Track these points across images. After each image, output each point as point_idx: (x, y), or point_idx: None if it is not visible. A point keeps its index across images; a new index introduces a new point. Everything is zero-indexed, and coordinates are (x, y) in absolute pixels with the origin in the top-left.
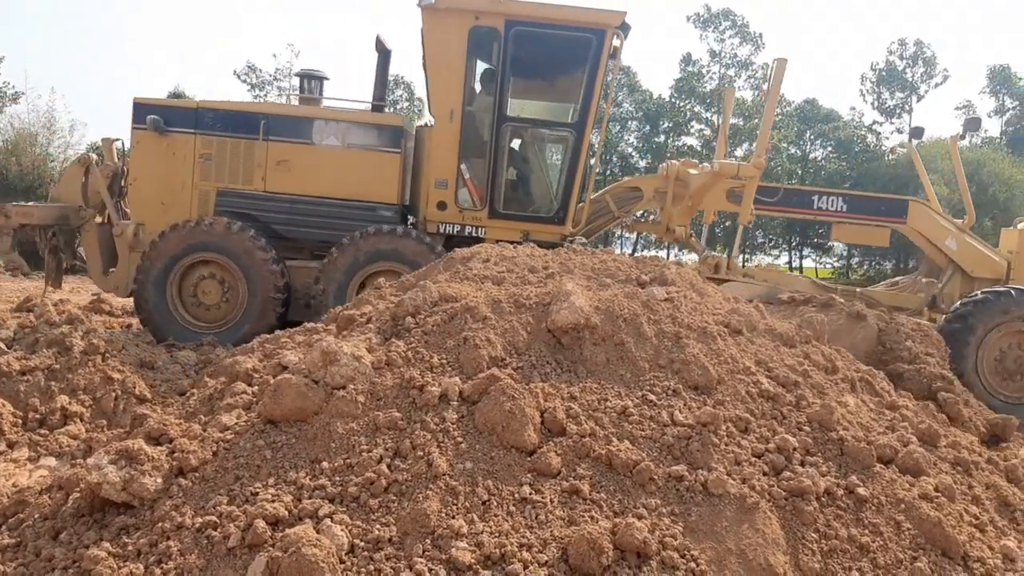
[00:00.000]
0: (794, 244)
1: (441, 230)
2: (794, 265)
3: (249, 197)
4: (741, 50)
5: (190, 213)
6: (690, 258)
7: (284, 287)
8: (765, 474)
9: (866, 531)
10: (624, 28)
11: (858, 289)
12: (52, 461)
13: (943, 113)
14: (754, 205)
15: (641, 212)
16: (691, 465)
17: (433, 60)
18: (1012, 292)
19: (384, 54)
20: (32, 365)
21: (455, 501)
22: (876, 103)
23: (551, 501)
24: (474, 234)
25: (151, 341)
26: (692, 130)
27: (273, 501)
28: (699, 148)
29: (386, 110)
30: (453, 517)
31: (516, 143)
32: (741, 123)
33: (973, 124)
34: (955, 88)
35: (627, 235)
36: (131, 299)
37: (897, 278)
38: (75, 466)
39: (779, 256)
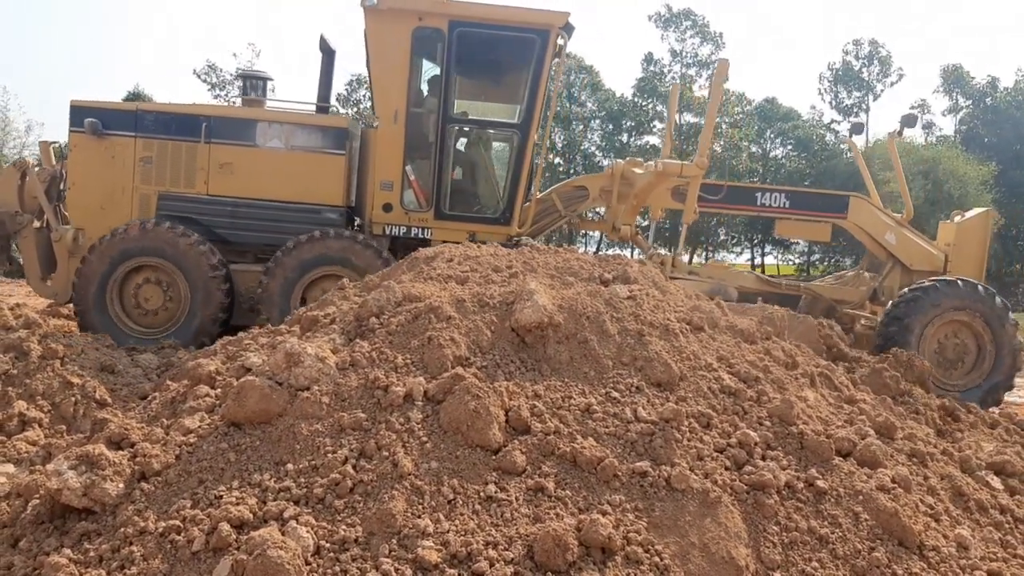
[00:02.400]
0: (756, 241)
1: (387, 232)
2: (756, 263)
3: (191, 201)
4: (702, 50)
5: (130, 217)
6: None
7: (228, 291)
8: (727, 469)
9: (825, 523)
10: (568, 28)
11: (802, 284)
12: (10, 468)
13: (899, 111)
14: (698, 203)
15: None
16: (654, 461)
17: (377, 61)
18: (938, 285)
19: (328, 54)
20: None
21: (421, 501)
22: (834, 102)
23: (516, 499)
24: (420, 235)
25: (111, 345)
26: (654, 129)
27: (237, 504)
28: (661, 147)
29: (344, 111)
30: (419, 516)
31: (462, 144)
32: (701, 122)
33: (910, 120)
34: (910, 87)
35: (591, 234)
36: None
37: (843, 272)
38: (34, 472)
39: (741, 253)
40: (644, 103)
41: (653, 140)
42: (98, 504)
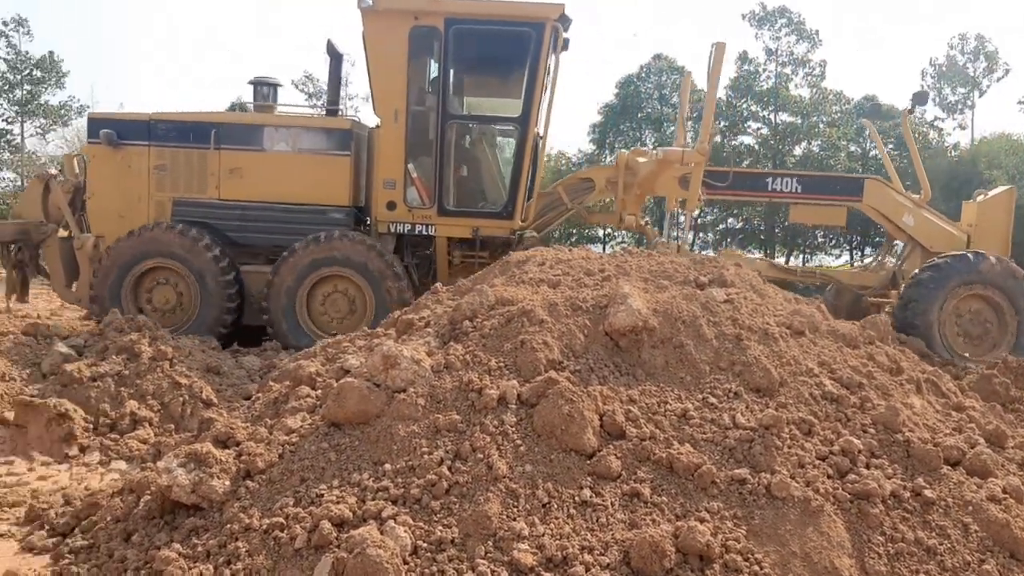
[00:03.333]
0: (855, 243)
1: (392, 230)
2: (855, 264)
3: (204, 206)
4: (798, 48)
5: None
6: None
7: (236, 293)
8: (829, 477)
9: (933, 534)
10: (564, 20)
11: (818, 271)
12: (123, 465)
13: (1006, 108)
14: (706, 190)
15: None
16: (754, 468)
17: (376, 62)
18: (949, 261)
19: (336, 58)
20: (102, 371)
21: (516, 503)
22: (937, 98)
23: (612, 504)
24: (424, 232)
25: (216, 347)
26: (749, 129)
27: (338, 502)
28: (757, 147)
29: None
30: (514, 519)
31: (463, 140)
32: (799, 121)
33: (921, 98)
34: (1018, 82)
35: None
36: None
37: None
38: (145, 469)
39: (840, 255)
40: (738, 103)
41: (748, 140)
42: (205, 501)
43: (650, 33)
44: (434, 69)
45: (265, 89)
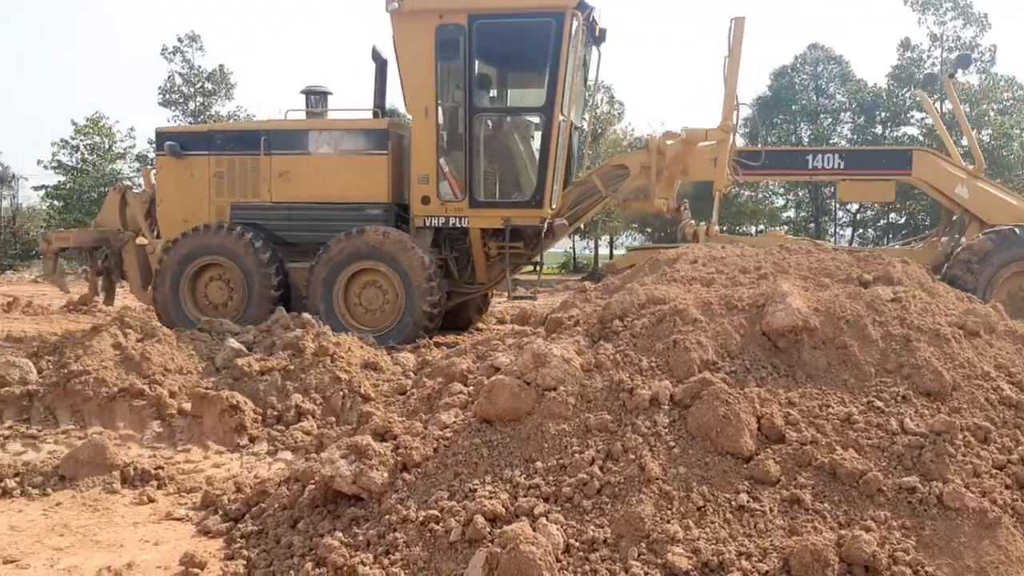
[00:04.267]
0: None
1: (428, 224)
2: None
3: (257, 208)
4: (964, 32)
5: None
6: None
7: (279, 285)
8: (1008, 487)
9: None
10: (582, 7)
11: (867, 250)
12: (288, 455)
13: None
14: (741, 171)
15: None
16: (924, 476)
17: (405, 61)
18: (1017, 231)
19: (381, 63)
20: (270, 366)
21: (669, 506)
22: None
23: (770, 510)
24: (458, 225)
25: (374, 344)
26: (912, 120)
27: (491, 498)
28: (921, 138)
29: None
30: (668, 522)
31: (493, 132)
32: (967, 110)
33: (964, 60)
34: None
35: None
36: None
37: (909, 240)
38: (309, 460)
39: None
40: (900, 92)
41: (911, 131)
42: (365, 491)
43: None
44: (462, 64)
45: (314, 97)
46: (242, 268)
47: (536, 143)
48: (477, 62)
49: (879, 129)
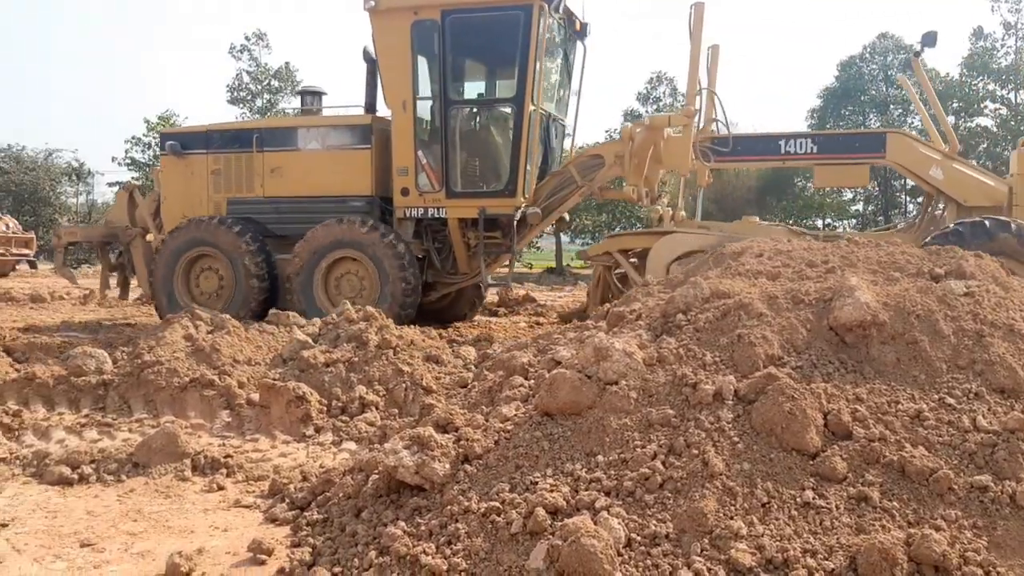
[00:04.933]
0: None
1: (408, 215)
2: None
3: (251, 203)
4: None
5: None
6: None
7: (266, 276)
8: None
9: None
10: (550, 1)
11: (844, 235)
12: (352, 445)
13: None
14: (714, 157)
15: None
16: (997, 475)
17: (383, 57)
18: (960, 229)
19: (371, 63)
20: (335, 358)
21: (733, 502)
22: None
23: (837, 507)
24: (436, 215)
25: (435, 337)
26: (986, 110)
27: (552, 491)
28: (994, 129)
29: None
30: (731, 518)
31: (468, 124)
32: None
33: (929, 39)
34: None
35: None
36: None
37: (892, 225)
38: (373, 450)
39: None
40: (973, 81)
41: (985, 122)
42: (427, 482)
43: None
44: (437, 58)
45: (310, 97)
46: (230, 259)
47: (505, 134)
48: (451, 56)
49: (952, 120)
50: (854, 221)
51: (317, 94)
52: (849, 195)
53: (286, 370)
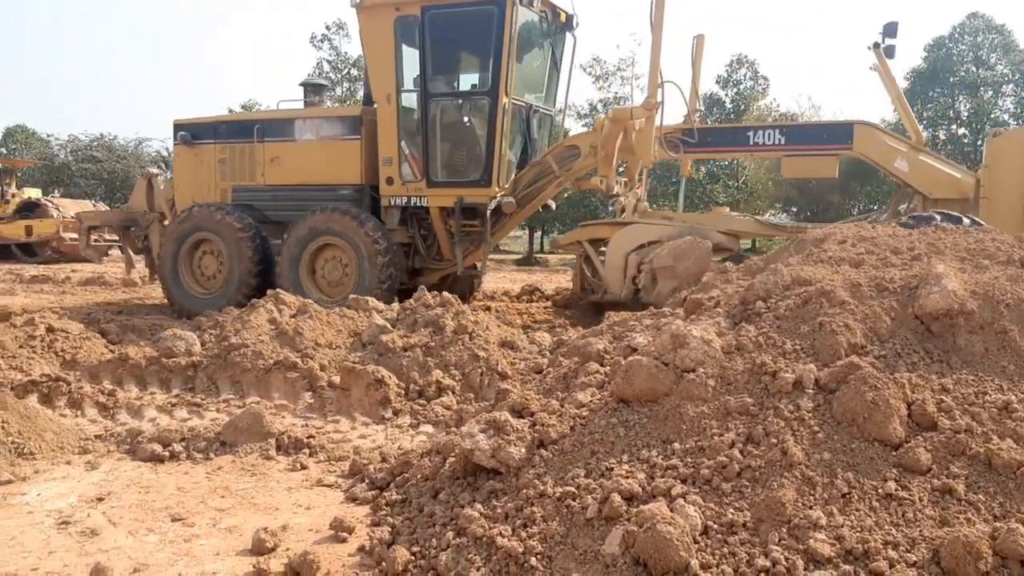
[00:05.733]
0: None
1: (393, 203)
2: None
3: (252, 190)
4: None
5: None
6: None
7: (260, 260)
8: None
9: None
10: None
11: (809, 226)
12: (429, 428)
13: None
14: (684, 149)
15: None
16: None
17: (369, 51)
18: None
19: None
20: (412, 342)
21: (812, 492)
22: None
23: (920, 499)
24: (418, 204)
25: (509, 322)
26: None
27: (627, 477)
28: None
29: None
30: (810, 508)
31: (447, 116)
32: None
33: (890, 29)
34: None
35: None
36: None
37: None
38: (450, 434)
39: None
40: None
41: None
42: (503, 466)
43: None
44: (417, 52)
45: (311, 89)
46: (227, 243)
47: (480, 124)
48: (431, 50)
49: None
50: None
51: (318, 86)
52: None
53: (365, 354)
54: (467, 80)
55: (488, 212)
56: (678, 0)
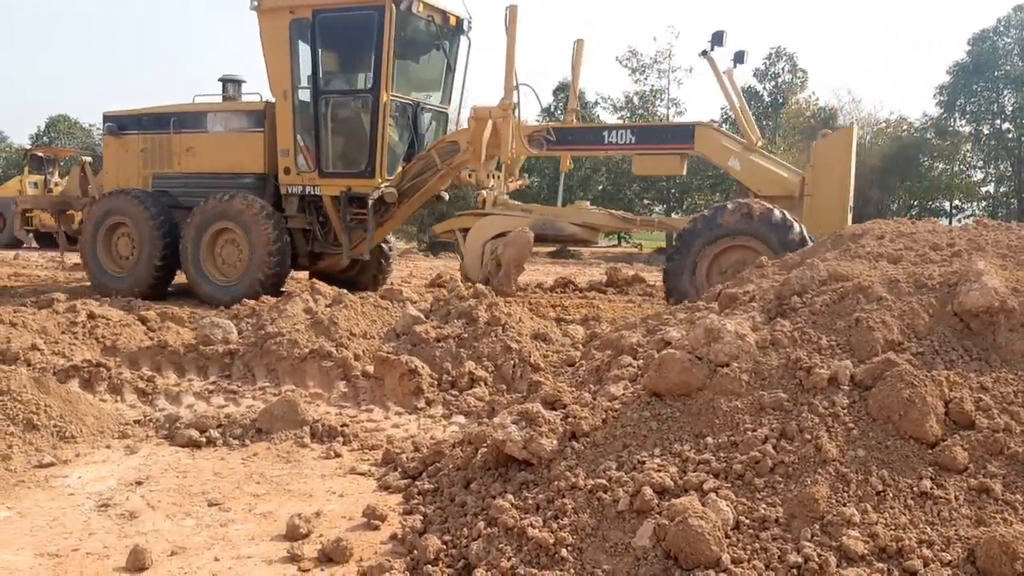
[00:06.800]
0: None
1: (291, 192)
2: None
3: (169, 178)
4: None
5: None
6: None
7: (169, 244)
8: None
9: None
10: (397, 1)
11: (657, 219)
12: (462, 419)
13: None
14: (547, 147)
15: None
16: None
17: (267, 50)
18: (686, 230)
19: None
20: (445, 334)
21: (846, 489)
22: None
23: (956, 498)
24: (312, 192)
25: (543, 316)
26: None
27: (659, 471)
28: None
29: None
30: (844, 504)
31: (337, 111)
32: None
33: (718, 38)
34: None
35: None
36: None
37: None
38: (482, 424)
39: None
40: None
41: None
42: (535, 457)
43: None
44: (310, 53)
45: (230, 84)
46: (138, 226)
47: (364, 120)
48: (322, 50)
49: None
50: (984, 203)
51: (237, 82)
52: (980, 175)
53: (399, 344)
54: (354, 79)
55: (371, 202)
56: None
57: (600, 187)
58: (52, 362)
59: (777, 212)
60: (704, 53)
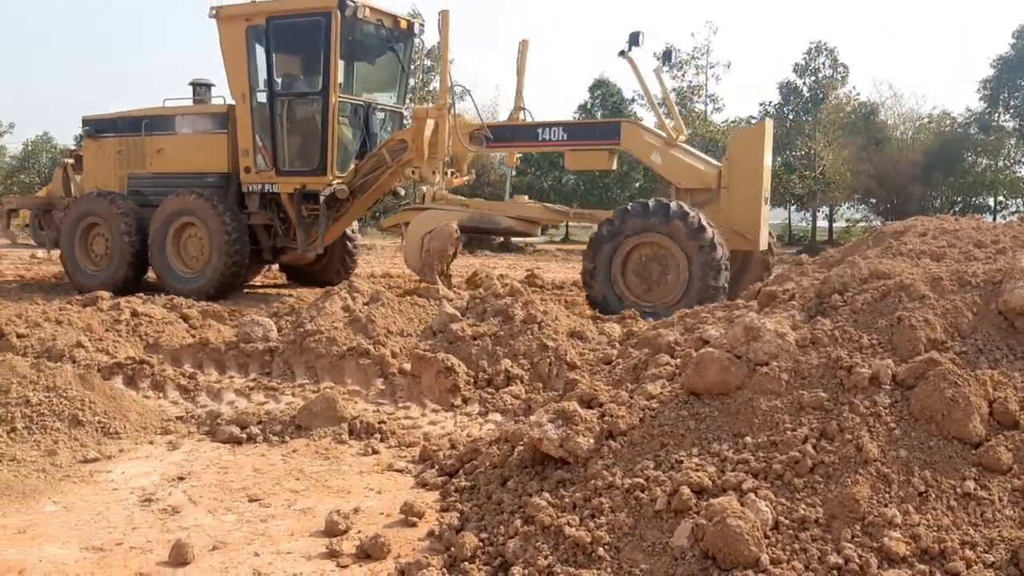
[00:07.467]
0: None
1: (251, 189)
2: None
3: (143, 179)
4: None
5: None
6: None
7: (138, 243)
8: None
9: None
10: (342, 7)
11: (587, 212)
12: (498, 417)
13: None
14: (486, 144)
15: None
16: None
17: (226, 55)
18: (603, 226)
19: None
20: (482, 331)
21: (888, 489)
22: None
23: (1000, 499)
24: (271, 190)
25: (580, 313)
26: None
27: (697, 470)
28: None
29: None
30: (885, 505)
31: (292, 112)
32: None
33: (634, 38)
34: None
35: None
36: None
37: None
38: (518, 422)
39: None
40: None
41: None
42: (571, 455)
43: None
44: (265, 57)
45: (200, 88)
46: (110, 226)
47: (316, 120)
48: (276, 55)
49: None
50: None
51: (206, 86)
52: None
53: (436, 342)
54: (306, 81)
55: (323, 198)
56: None
57: (636, 184)
58: (96, 359)
59: (674, 204)
60: (622, 53)
